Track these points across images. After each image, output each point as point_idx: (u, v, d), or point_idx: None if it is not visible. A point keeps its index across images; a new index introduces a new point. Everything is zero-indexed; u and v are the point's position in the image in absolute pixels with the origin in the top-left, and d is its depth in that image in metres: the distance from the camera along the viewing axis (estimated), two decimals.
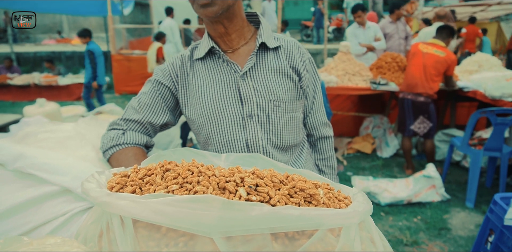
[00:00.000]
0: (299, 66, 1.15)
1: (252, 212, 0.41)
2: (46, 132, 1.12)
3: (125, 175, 0.56)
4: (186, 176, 0.50)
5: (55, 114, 4.22)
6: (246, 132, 1.08)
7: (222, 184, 0.48)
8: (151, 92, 1.13)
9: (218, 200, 0.41)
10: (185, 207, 0.41)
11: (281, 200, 0.47)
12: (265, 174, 0.52)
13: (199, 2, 0.97)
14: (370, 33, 5.07)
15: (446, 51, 3.65)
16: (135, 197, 0.44)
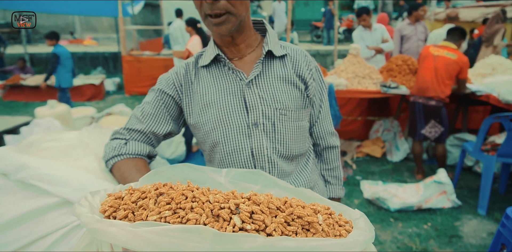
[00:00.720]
0: (305, 75, 1.13)
1: (245, 244, 0.39)
2: (50, 141, 1.11)
3: (119, 197, 0.55)
4: (180, 201, 0.49)
5: (65, 116, 4.26)
6: (252, 140, 1.06)
7: (216, 211, 0.47)
8: (154, 101, 1.12)
9: (209, 231, 0.40)
10: (176, 237, 0.40)
11: (277, 228, 0.45)
12: (261, 199, 0.50)
13: (212, 21, 0.96)
14: (377, 35, 5.01)
15: (458, 53, 3.58)
16: (125, 225, 0.43)
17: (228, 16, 0.96)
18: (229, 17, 0.97)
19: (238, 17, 0.99)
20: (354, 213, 0.57)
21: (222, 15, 0.96)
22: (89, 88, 7.96)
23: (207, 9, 0.96)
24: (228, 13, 0.96)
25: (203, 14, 0.98)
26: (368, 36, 5.00)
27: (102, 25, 17.83)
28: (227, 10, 0.95)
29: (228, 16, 0.96)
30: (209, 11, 0.96)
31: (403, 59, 4.50)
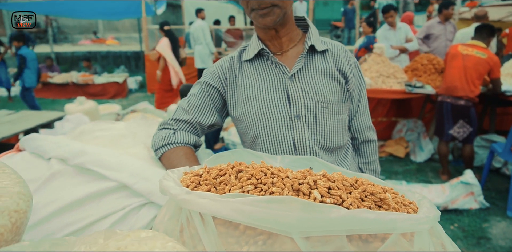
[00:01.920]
0: (346, 70, 1.16)
1: (331, 214, 0.42)
2: (101, 130, 1.17)
3: (197, 174, 0.59)
4: (260, 177, 0.52)
5: (93, 112, 4.38)
6: (294, 132, 1.09)
7: (296, 185, 0.50)
8: (200, 93, 1.17)
9: (298, 201, 0.43)
10: (265, 207, 0.43)
11: (353, 203, 0.48)
12: (335, 177, 0.53)
13: (258, 12, 1.00)
14: (401, 35, 4.96)
15: (488, 52, 3.52)
16: (215, 195, 0.46)
17: (273, 8, 1.00)
18: (274, 9, 1.01)
19: (283, 9, 1.03)
20: (415, 196, 0.59)
21: (268, 8, 0.99)
22: (112, 86, 8.14)
23: (254, 4, 1.00)
24: (273, 5, 1.00)
25: (249, 8, 1.02)
26: (392, 36, 4.96)
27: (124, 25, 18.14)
28: (272, 3, 0.99)
29: (273, 8, 1.00)
30: (256, 6, 1.00)
31: (429, 58, 4.45)
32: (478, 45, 3.58)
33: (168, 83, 5.83)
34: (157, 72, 5.73)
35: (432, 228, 0.49)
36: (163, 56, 5.60)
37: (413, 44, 4.94)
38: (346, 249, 0.42)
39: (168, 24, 5.96)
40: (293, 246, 0.43)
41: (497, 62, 3.50)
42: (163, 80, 5.78)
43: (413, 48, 4.96)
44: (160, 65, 5.69)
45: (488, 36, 3.63)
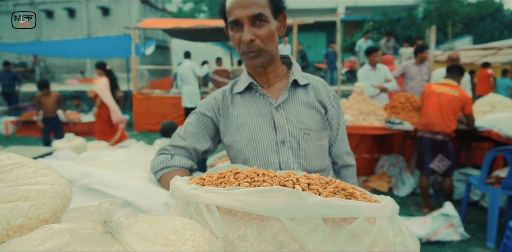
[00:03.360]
0: (325, 101, 1.31)
1: (310, 200, 0.54)
2: (103, 156, 1.28)
3: (201, 178, 0.70)
4: (253, 177, 0.64)
5: (81, 149, 4.42)
6: (280, 156, 1.21)
7: (282, 182, 0.62)
8: (195, 122, 1.30)
9: (284, 190, 0.55)
10: (259, 196, 0.54)
11: (328, 195, 0.60)
12: (313, 176, 0.65)
13: (249, 55, 1.17)
14: (381, 75, 5.29)
15: (459, 90, 3.80)
16: (218, 189, 0.58)
17: (260, 52, 1.17)
18: (261, 53, 1.18)
19: (269, 52, 1.20)
20: (380, 197, 0.71)
21: (256, 51, 1.16)
22: None
23: (245, 48, 1.17)
24: (261, 50, 1.17)
25: (241, 51, 1.19)
26: (373, 76, 5.27)
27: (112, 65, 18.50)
28: (260, 48, 1.16)
29: (261, 52, 1.17)
30: (246, 49, 1.17)
31: (406, 97, 4.73)
32: (450, 83, 3.86)
33: (107, 119, 6.09)
34: (94, 109, 6.06)
35: (392, 217, 0.61)
36: (99, 95, 5.90)
37: (392, 84, 5.25)
38: (322, 228, 0.54)
39: (106, 64, 6.39)
40: (280, 226, 0.54)
41: (469, 99, 3.76)
42: (100, 117, 6.05)
43: (392, 87, 5.26)
44: (96, 103, 5.97)
45: (459, 75, 3.93)
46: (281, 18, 1.25)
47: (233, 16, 1.14)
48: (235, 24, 1.15)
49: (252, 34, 1.13)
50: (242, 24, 1.14)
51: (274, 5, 1.18)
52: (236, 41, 1.18)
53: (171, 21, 10.86)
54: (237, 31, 1.16)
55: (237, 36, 1.16)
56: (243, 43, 1.16)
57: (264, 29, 1.15)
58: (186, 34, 9.88)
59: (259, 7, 1.14)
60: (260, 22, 1.14)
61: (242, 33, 1.14)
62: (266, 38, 1.16)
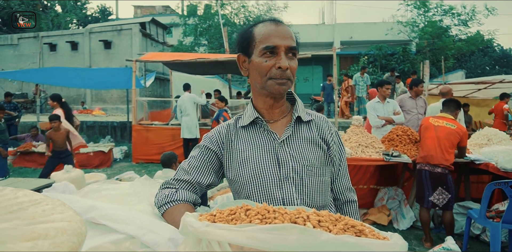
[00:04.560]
0: (327, 138, 1.34)
1: (322, 237, 0.55)
2: (107, 189, 1.28)
3: (211, 214, 0.71)
4: (264, 214, 0.65)
5: (79, 180, 4.39)
6: (283, 191, 1.22)
7: (293, 219, 0.63)
8: (199, 156, 1.32)
9: (296, 227, 0.56)
10: (271, 233, 0.56)
11: (338, 232, 0.61)
12: (323, 213, 0.67)
13: (277, 81, 1.21)
14: (389, 108, 5.34)
15: (456, 123, 3.85)
16: (230, 226, 0.59)
17: (288, 81, 1.23)
18: (288, 82, 1.23)
19: (291, 83, 1.26)
20: (387, 233, 0.72)
21: (285, 79, 1.21)
22: (98, 155, 8.18)
23: (276, 74, 1.20)
24: (288, 79, 1.22)
25: (267, 76, 1.22)
26: (381, 108, 5.34)
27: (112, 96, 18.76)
28: (288, 77, 1.22)
29: (288, 82, 1.23)
30: (277, 76, 1.20)
31: (403, 130, 4.79)
32: (447, 117, 3.93)
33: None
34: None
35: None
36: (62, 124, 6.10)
37: (399, 117, 5.29)
38: None
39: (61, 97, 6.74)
40: None
41: (465, 132, 3.82)
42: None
43: (399, 120, 5.27)
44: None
45: (455, 109, 4.00)
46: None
47: (271, 43, 1.19)
48: (270, 51, 1.20)
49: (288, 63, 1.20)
50: (278, 53, 1.20)
51: (297, 45, 1.27)
52: (267, 67, 1.21)
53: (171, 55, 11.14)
54: (269, 57, 1.21)
55: (270, 63, 1.20)
56: (275, 69, 1.20)
57: (294, 62, 1.23)
58: (185, 67, 10.10)
59: (293, 41, 1.23)
60: (292, 55, 1.22)
61: (275, 60, 1.19)
62: (294, 70, 1.23)
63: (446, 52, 17.63)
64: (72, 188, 3.84)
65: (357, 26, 21.00)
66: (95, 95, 18.78)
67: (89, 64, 18.10)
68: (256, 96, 1.33)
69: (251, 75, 1.28)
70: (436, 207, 3.83)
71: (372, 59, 18.62)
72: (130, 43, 17.78)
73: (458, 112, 4.03)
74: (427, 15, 18.52)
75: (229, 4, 19.13)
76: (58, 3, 26.66)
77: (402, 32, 18.27)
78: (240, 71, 1.34)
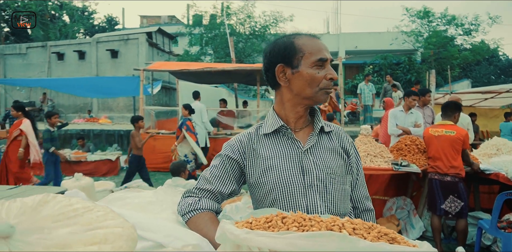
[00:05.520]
0: (347, 148, 1.38)
1: (360, 244, 0.58)
2: (131, 197, 1.31)
3: (247, 222, 0.74)
4: (301, 221, 0.68)
5: (89, 188, 4.43)
6: (307, 199, 1.25)
7: (329, 227, 0.66)
8: (221, 165, 1.35)
9: (335, 235, 0.59)
10: (310, 240, 0.58)
11: (372, 240, 0.64)
12: (357, 221, 0.69)
13: (327, 90, 1.29)
14: (410, 119, 5.23)
15: (455, 128, 3.85)
16: (270, 233, 0.61)
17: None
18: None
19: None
20: (414, 241, 0.74)
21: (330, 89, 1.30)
22: (105, 164, 8.23)
23: (327, 85, 1.28)
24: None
25: (319, 87, 1.28)
26: (402, 117, 5.25)
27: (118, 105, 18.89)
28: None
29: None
30: (328, 86, 1.29)
31: (411, 139, 4.79)
32: (446, 123, 3.94)
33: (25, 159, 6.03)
34: (20, 150, 5.89)
35: None
36: (26, 135, 5.93)
37: (418, 129, 5.14)
38: None
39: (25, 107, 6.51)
40: None
41: (465, 135, 3.80)
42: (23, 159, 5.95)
43: (416, 133, 5.10)
44: (22, 143, 5.92)
45: (453, 112, 3.98)
46: None
47: (323, 55, 1.28)
48: (321, 64, 1.28)
49: None
50: (325, 65, 1.29)
51: None
52: (320, 78, 1.27)
53: (178, 64, 11.26)
54: (319, 69, 1.28)
55: (322, 74, 1.28)
56: (326, 80, 1.28)
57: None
58: (192, 76, 10.19)
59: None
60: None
61: (325, 71, 1.28)
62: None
63: (452, 61, 17.67)
64: (83, 196, 3.85)
65: (362, 35, 21.15)
66: (101, 103, 18.94)
67: (96, 73, 18.30)
68: (289, 106, 1.35)
69: (294, 85, 1.31)
70: (449, 214, 3.81)
71: (378, 68, 18.68)
72: (136, 53, 17.98)
73: (457, 115, 3.99)
74: (431, 25, 18.62)
75: (234, 14, 19.35)
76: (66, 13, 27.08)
77: (406, 42, 18.36)
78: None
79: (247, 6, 19.29)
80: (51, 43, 19.39)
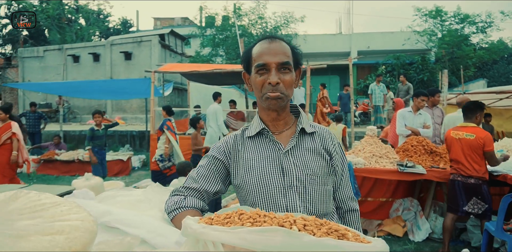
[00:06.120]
0: (330, 149, 1.40)
1: (304, 239, 0.61)
2: (121, 196, 1.37)
3: (209, 218, 0.78)
4: (256, 218, 0.72)
5: (99, 188, 4.53)
6: (287, 200, 1.28)
7: (281, 223, 0.69)
8: (207, 165, 1.39)
9: (281, 230, 0.62)
10: (259, 235, 0.62)
11: (322, 236, 0.67)
12: (309, 218, 0.73)
13: (270, 95, 1.28)
14: (419, 120, 5.20)
15: (475, 131, 3.76)
16: (224, 228, 0.65)
17: (281, 95, 1.30)
18: (282, 96, 1.30)
19: (287, 97, 1.33)
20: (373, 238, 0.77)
21: (277, 94, 1.28)
22: (117, 164, 8.38)
23: (269, 90, 1.28)
24: (282, 93, 1.29)
25: (262, 93, 1.31)
26: (410, 117, 5.22)
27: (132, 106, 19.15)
28: (282, 91, 1.29)
29: (281, 96, 1.30)
30: (270, 91, 1.28)
31: (418, 140, 4.76)
32: (467, 126, 3.86)
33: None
34: (14, 153, 5.97)
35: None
36: (18, 137, 6.03)
37: (427, 131, 5.13)
38: None
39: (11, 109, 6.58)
40: None
41: (484, 136, 3.69)
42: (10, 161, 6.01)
43: (425, 134, 5.10)
44: (15, 146, 6.01)
45: (474, 113, 3.87)
46: (297, 72, 1.40)
47: (262, 60, 1.29)
48: (262, 68, 1.29)
49: (278, 78, 1.27)
50: (269, 69, 1.29)
51: (296, 59, 1.36)
52: (260, 83, 1.30)
53: (189, 66, 11.38)
54: (262, 74, 1.30)
55: (262, 79, 1.29)
56: (267, 85, 1.28)
57: (288, 75, 1.30)
58: (202, 77, 10.28)
59: (286, 57, 1.30)
60: (285, 70, 1.30)
61: (267, 76, 1.28)
62: (288, 84, 1.30)
63: (467, 61, 17.38)
64: (92, 195, 3.94)
65: (374, 35, 20.98)
66: (115, 105, 19.23)
67: (110, 75, 18.61)
68: (260, 110, 1.41)
69: (254, 91, 1.36)
70: (471, 215, 3.77)
71: (390, 68, 18.51)
72: (149, 54, 18.22)
73: (479, 115, 3.86)
74: (444, 24, 18.35)
75: (246, 15, 19.43)
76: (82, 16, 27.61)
77: (419, 41, 18.13)
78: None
79: (258, 7, 19.35)
80: (67, 46, 19.79)
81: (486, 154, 3.75)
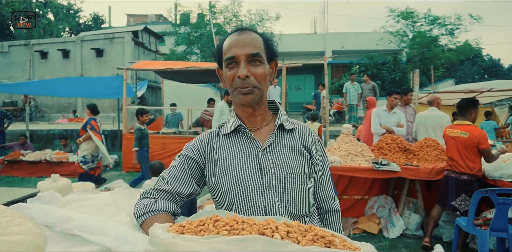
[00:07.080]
0: (310, 146, 1.34)
1: (288, 248, 0.54)
2: (86, 199, 1.26)
3: (181, 225, 0.70)
4: (233, 225, 0.64)
5: (66, 190, 4.32)
6: (265, 199, 1.21)
7: (261, 230, 0.62)
8: (180, 165, 1.30)
9: (262, 239, 0.55)
10: (236, 245, 0.55)
11: (307, 243, 0.60)
12: (293, 224, 0.66)
13: (241, 91, 1.20)
14: (393, 118, 5.30)
15: (469, 129, 3.78)
16: (196, 237, 0.58)
17: (253, 89, 1.21)
18: (254, 90, 1.22)
19: (261, 90, 1.24)
20: (361, 244, 0.71)
21: (249, 88, 1.20)
22: None
23: (238, 84, 1.20)
24: (254, 87, 1.21)
25: (233, 87, 1.23)
26: (385, 116, 5.30)
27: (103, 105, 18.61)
28: (253, 85, 1.21)
29: (253, 89, 1.21)
30: (239, 85, 1.20)
31: (392, 138, 4.81)
32: (462, 124, 3.90)
33: None
34: None
35: None
36: None
37: (401, 129, 5.24)
38: None
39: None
40: None
41: (478, 135, 3.71)
42: None
43: (400, 132, 5.20)
44: None
45: (468, 111, 3.87)
46: (272, 65, 1.32)
47: (231, 53, 1.20)
48: (231, 62, 1.21)
49: (248, 71, 1.19)
50: (239, 62, 1.20)
51: (269, 50, 1.27)
52: (230, 77, 1.22)
53: (163, 63, 11.13)
54: (232, 68, 1.21)
55: (232, 73, 1.21)
56: (237, 79, 1.20)
57: (259, 68, 1.21)
58: (177, 75, 10.09)
59: (256, 48, 1.21)
60: (255, 62, 1.21)
61: (237, 70, 1.20)
62: (260, 76, 1.21)
63: (436, 61, 17.87)
64: (59, 197, 3.77)
65: (349, 35, 21.23)
66: (86, 103, 18.61)
67: (80, 72, 18.02)
68: (236, 106, 1.33)
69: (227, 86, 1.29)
70: (457, 211, 3.85)
71: (364, 68, 18.79)
72: (122, 52, 17.75)
73: (473, 112, 3.86)
74: (415, 25, 18.80)
75: (221, 13, 19.25)
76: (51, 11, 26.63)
77: (392, 42, 18.50)
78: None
79: (233, 5, 19.21)
80: (34, 41, 19.01)
81: (482, 152, 3.77)
